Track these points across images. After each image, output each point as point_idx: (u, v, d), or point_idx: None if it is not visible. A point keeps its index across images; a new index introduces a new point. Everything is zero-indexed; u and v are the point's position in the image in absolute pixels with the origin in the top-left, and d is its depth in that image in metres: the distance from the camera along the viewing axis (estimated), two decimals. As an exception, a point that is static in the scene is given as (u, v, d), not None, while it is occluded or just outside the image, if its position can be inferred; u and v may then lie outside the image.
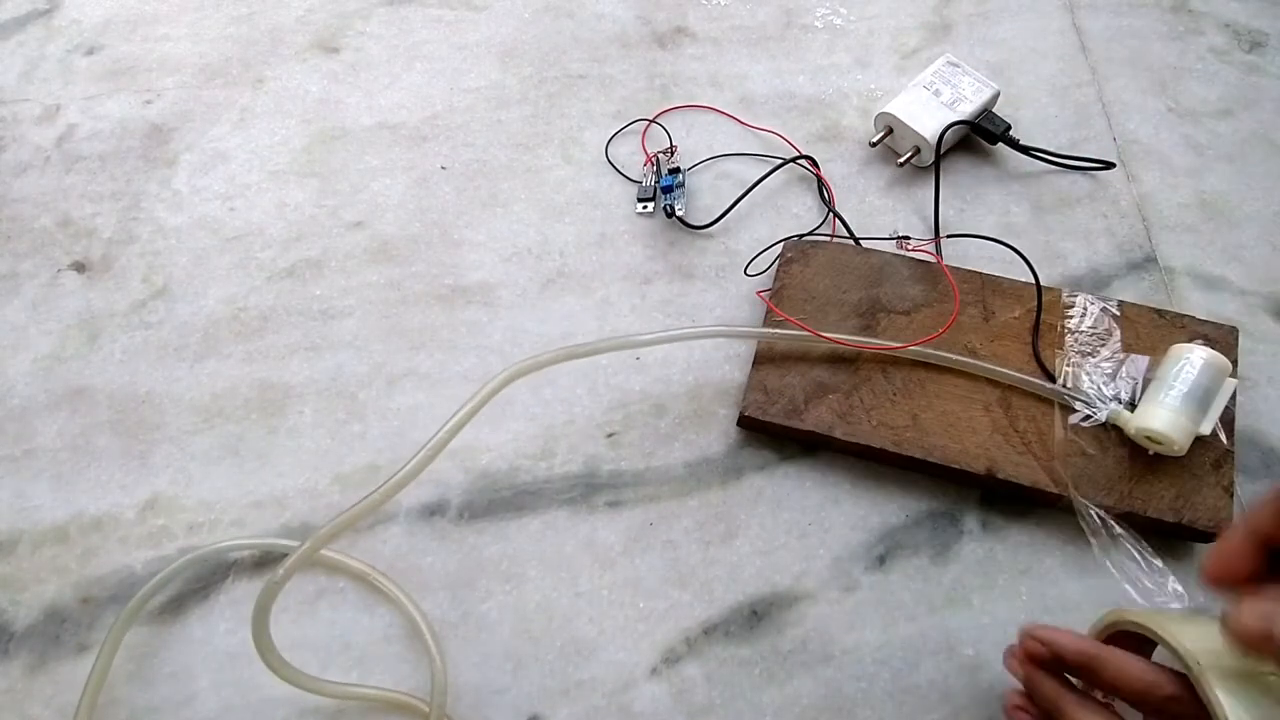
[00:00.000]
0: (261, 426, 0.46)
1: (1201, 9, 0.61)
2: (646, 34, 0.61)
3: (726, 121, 0.57)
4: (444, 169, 0.55)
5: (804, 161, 0.54)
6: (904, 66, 0.59)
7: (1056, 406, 0.43)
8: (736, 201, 0.52)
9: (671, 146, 0.55)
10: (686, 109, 0.57)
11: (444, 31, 0.61)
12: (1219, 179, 0.54)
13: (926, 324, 0.46)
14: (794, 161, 0.54)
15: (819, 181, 0.53)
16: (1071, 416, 0.43)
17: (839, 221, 0.51)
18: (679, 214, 0.51)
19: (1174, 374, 0.41)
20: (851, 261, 0.48)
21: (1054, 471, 0.42)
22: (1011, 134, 0.53)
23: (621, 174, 0.55)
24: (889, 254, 0.49)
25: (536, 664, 0.41)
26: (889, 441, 0.43)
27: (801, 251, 0.49)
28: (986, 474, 0.42)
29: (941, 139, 0.51)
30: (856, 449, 0.44)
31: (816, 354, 0.46)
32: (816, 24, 0.61)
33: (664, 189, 0.53)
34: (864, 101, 0.57)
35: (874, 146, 0.55)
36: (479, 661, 0.41)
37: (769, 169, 0.53)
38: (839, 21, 0.61)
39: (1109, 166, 0.53)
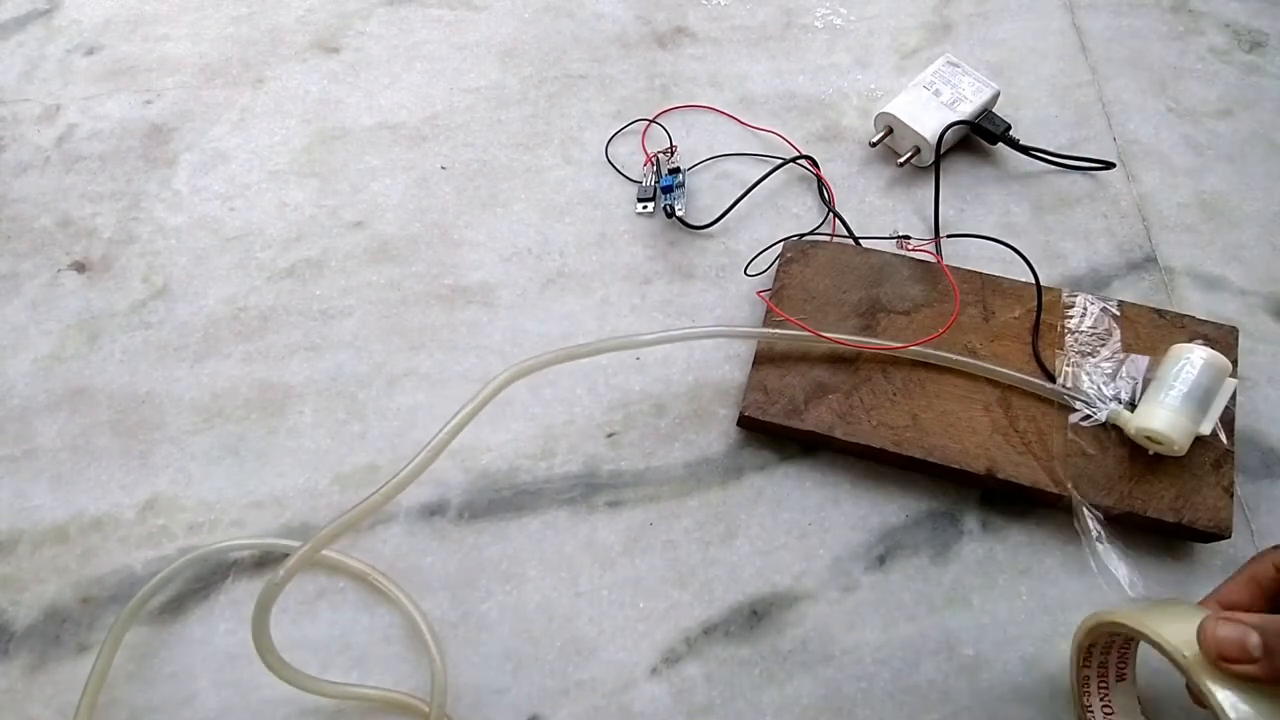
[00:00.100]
0: (261, 426, 0.46)
1: (1201, 9, 0.61)
2: (646, 34, 0.61)
3: (726, 121, 0.57)
4: (444, 169, 0.55)
5: (804, 161, 0.54)
6: (904, 66, 0.59)
7: (1056, 406, 0.43)
8: (736, 201, 0.52)
9: (671, 146, 0.55)
10: (686, 109, 0.57)
11: (444, 31, 0.61)
12: (1219, 179, 0.54)
13: (926, 324, 0.46)
14: (794, 161, 0.54)
15: (819, 181, 0.53)
16: (1071, 416, 0.43)
17: (839, 221, 0.51)
18: (679, 214, 0.51)
19: (1174, 374, 0.41)
20: (851, 261, 0.48)
21: (1054, 471, 0.42)
22: (1011, 134, 0.53)
23: (621, 174, 0.55)
24: (889, 254, 0.49)
25: (536, 664, 0.41)
26: (889, 441, 0.43)
27: (801, 251, 0.49)
28: (986, 474, 0.42)
29: (941, 139, 0.51)
30: (856, 449, 0.44)
31: (816, 354, 0.46)
32: (816, 24, 0.61)
33: (664, 189, 0.53)
34: (864, 101, 0.57)
35: (874, 146, 0.55)
36: (479, 661, 0.41)
37: (769, 169, 0.53)
38: (839, 21, 0.61)
39: (1109, 166, 0.53)
